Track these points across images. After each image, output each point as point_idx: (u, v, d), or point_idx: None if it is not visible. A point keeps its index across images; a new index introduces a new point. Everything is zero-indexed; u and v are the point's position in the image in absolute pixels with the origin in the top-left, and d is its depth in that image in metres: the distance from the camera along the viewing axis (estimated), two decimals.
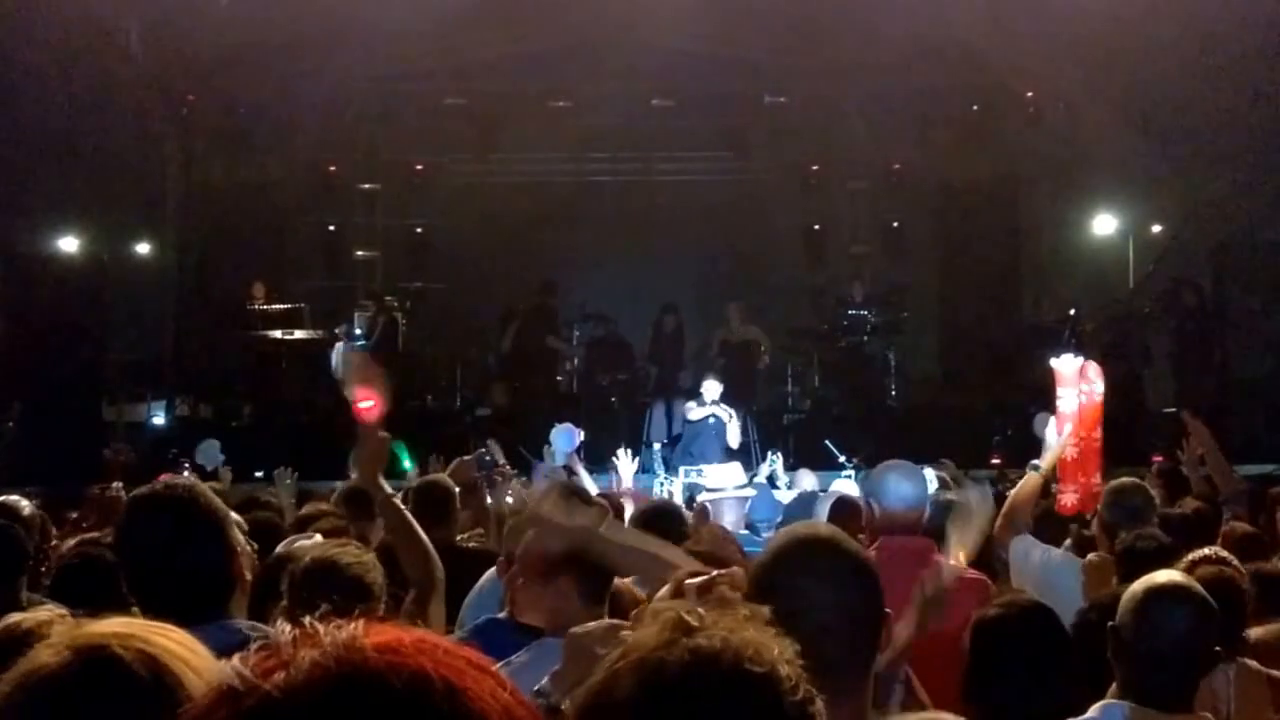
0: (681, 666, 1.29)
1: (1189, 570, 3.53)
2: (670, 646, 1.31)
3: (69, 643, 1.40)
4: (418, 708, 0.84)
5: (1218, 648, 2.93)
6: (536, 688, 2.32)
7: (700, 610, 1.37)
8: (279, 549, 3.91)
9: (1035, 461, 5.13)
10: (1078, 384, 5.37)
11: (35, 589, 4.06)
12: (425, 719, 0.84)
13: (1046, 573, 4.54)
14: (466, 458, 6.51)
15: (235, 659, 0.88)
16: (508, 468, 6.37)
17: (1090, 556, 4.73)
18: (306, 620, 0.91)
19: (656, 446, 12.26)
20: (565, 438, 9.25)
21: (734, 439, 12.04)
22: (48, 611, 2.97)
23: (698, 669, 1.29)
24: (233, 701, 0.85)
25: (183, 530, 2.64)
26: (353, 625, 0.89)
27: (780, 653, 1.34)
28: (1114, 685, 2.94)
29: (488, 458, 6.54)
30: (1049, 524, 5.45)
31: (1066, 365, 5.45)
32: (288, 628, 0.90)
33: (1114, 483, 5.03)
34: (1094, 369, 5.52)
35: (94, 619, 1.52)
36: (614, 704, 1.31)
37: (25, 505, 4.88)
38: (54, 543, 5.03)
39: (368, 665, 0.85)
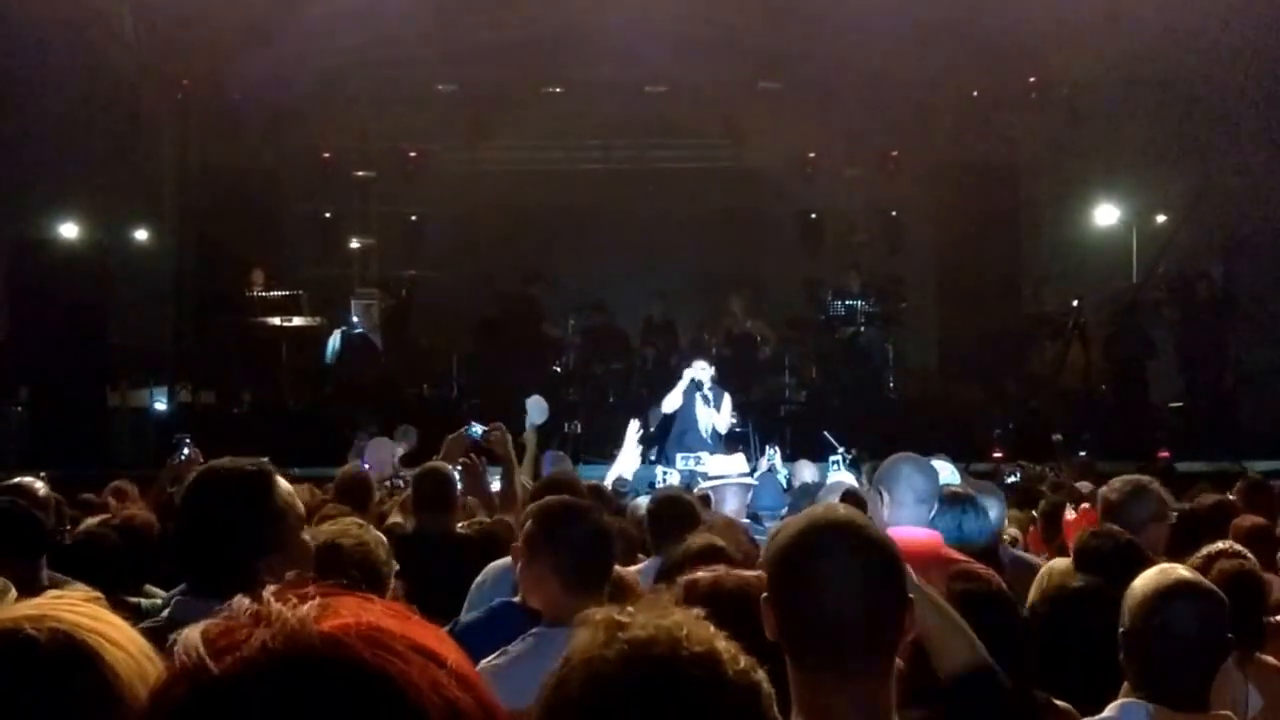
0: (621, 659, 1.33)
1: (1204, 565, 3.50)
2: (607, 645, 1.35)
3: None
4: (352, 699, 0.86)
5: (1230, 636, 2.89)
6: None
7: (629, 608, 1.41)
8: None
9: None
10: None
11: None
12: (359, 710, 0.85)
13: None
14: (453, 435, 6.49)
15: (195, 631, 0.90)
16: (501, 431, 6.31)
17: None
18: (265, 594, 0.92)
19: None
20: (536, 409, 9.22)
21: (724, 423, 11.97)
22: (81, 591, 2.97)
23: (636, 659, 1.33)
24: (188, 679, 0.88)
25: (241, 515, 2.57)
26: (308, 605, 0.90)
27: (714, 630, 1.38)
28: (1125, 684, 2.92)
29: (475, 430, 6.51)
30: None
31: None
32: (247, 602, 0.91)
33: (1125, 481, 4.92)
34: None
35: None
36: (564, 709, 1.35)
37: (40, 486, 4.91)
38: (68, 526, 5.05)
39: (309, 653, 0.86)
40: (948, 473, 5.22)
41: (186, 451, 6.20)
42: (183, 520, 2.68)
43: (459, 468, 5.90)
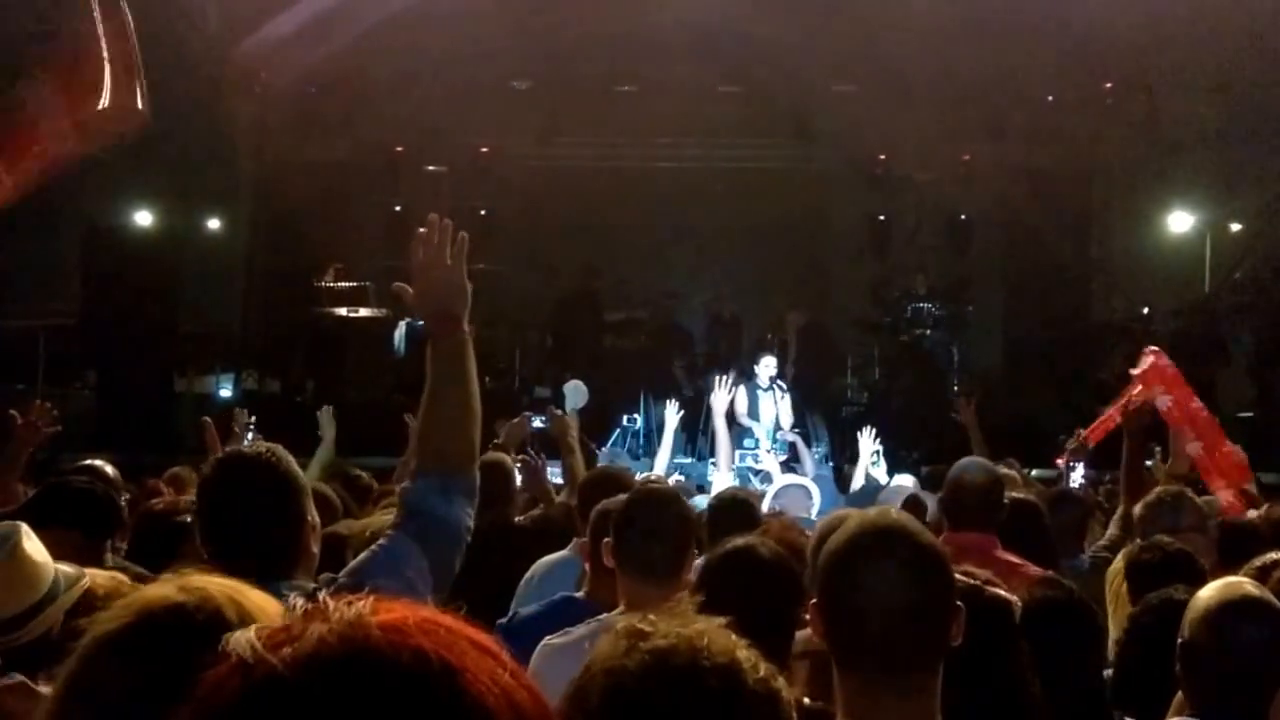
0: (641, 669, 1.34)
1: (1259, 576, 3.42)
2: (629, 654, 1.36)
3: (179, 584, 1.51)
4: (415, 687, 0.86)
5: None
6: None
7: (652, 617, 1.42)
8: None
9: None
10: (1151, 382, 5.43)
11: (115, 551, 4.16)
12: (422, 698, 0.86)
13: None
14: (513, 421, 6.56)
15: (244, 631, 0.90)
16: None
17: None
18: (320, 595, 0.94)
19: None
20: (574, 394, 9.24)
21: (786, 420, 12.00)
22: (108, 574, 3.06)
23: (656, 669, 1.34)
24: (244, 673, 0.87)
25: (260, 493, 2.68)
26: (363, 602, 0.91)
27: (736, 639, 1.38)
28: (1177, 698, 2.87)
29: (537, 422, 6.59)
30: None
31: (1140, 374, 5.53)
32: (301, 601, 0.93)
33: (1154, 492, 4.87)
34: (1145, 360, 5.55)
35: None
36: (584, 717, 1.36)
37: (110, 469, 5.00)
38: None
39: (370, 643, 0.87)
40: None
41: (250, 437, 6.30)
42: (209, 509, 2.75)
43: (519, 463, 5.95)
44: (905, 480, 8.28)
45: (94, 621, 1.48)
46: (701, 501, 5.66)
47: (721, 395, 8.09)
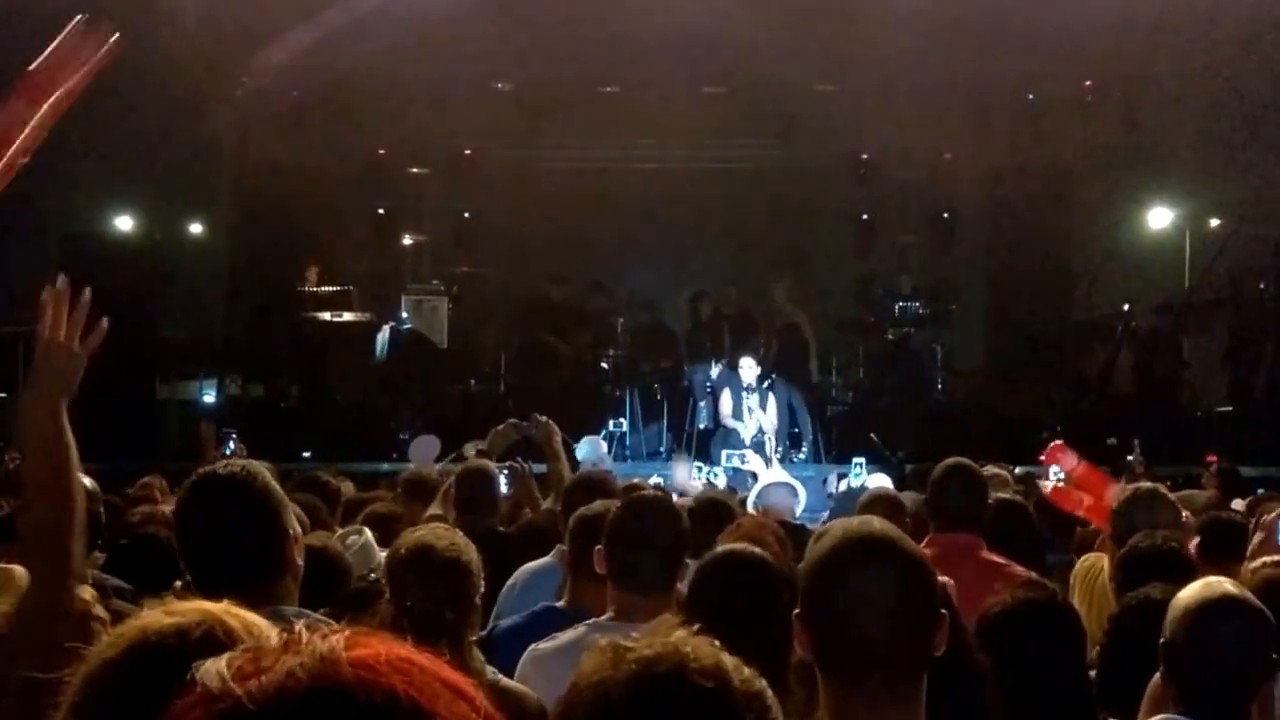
0: (629, 679, 1.35)
1: (1252, 574, 3.43)
2: (615, 666, 1.37)
3: (167, 609, 1.46)
4: None
5: (1276, 655, 2.80)
6: None
7: (634, 634, 1.43)
8: (328, 542, 3.89)
9: None
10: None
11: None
12: None
13: None
14: (498, 428, 6.58)
15: (217, 661, 0.89)
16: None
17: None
18: (296, 626, 0.92)
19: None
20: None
21: (770, 422, 12.02)
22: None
23: (643, 677, 1.35)
24: (208, 705, 0.86)
25: (236, 511, 2.66)
26: (337, 636, 0.90)
27: (718, 646, 1.40)
28: (1149, 691, 2.87)
29: (523, 426, 6.60)
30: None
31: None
32: (275, 634, 0.91)
33: (1129, 489, 4.86)
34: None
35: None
36: None
37: (89, 481, 4.94)
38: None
39: (339, 680, 0.86)
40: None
41: (232, 446, 6.27)
42: (186, 531, 2.74)
43: (505, 469, 5.94)
44: (880, 480, 8.31)
45: (89, 652, 1.44)
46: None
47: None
